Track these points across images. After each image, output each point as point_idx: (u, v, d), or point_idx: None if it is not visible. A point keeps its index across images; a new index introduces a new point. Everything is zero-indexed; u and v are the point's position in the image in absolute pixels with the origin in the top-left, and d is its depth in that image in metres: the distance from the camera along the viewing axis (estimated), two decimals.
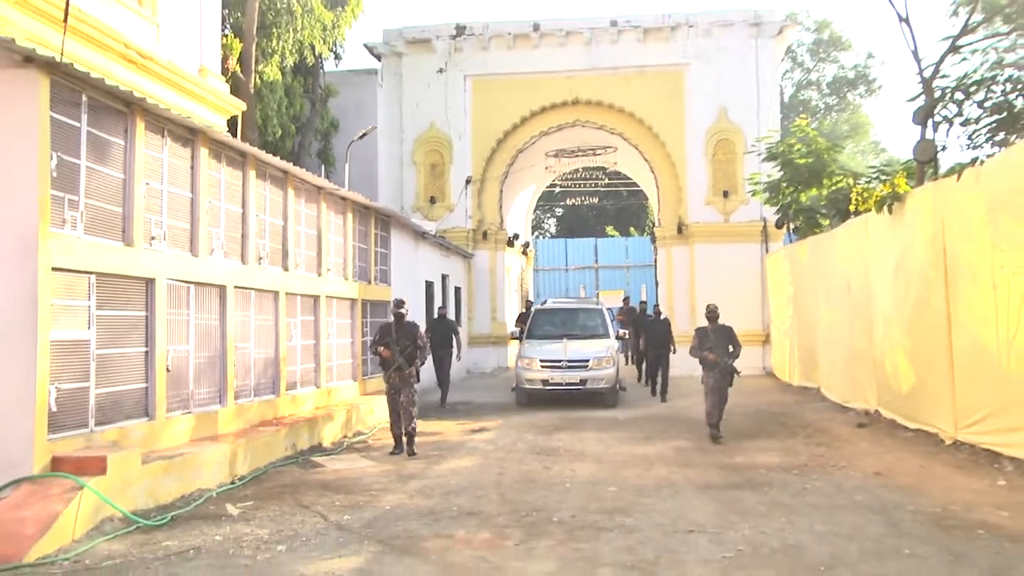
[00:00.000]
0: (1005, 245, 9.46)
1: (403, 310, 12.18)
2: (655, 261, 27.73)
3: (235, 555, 6.71)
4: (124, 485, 7.80)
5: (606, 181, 34.95)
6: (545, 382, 17.10)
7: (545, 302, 22.49)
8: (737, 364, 12.56)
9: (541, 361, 17.21)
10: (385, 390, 12.12)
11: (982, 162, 10.30)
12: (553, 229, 55.85)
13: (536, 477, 9.94)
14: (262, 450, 10.56)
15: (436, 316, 19.05)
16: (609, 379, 17.07)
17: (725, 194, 25.11)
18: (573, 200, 41.38)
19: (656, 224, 27.32)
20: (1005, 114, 12.00)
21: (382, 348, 11.92)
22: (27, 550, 6.57)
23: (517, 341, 19.63)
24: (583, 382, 16.95)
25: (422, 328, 13.03)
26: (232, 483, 9.56)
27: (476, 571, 6.21)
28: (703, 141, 25.24)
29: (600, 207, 46.74)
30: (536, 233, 50.43)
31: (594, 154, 29.05)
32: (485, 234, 26.63)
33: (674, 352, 18.33)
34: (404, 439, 11.77)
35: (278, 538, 7.22)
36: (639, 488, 9.23)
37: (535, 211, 39.87)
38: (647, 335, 18.97)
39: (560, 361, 16.99)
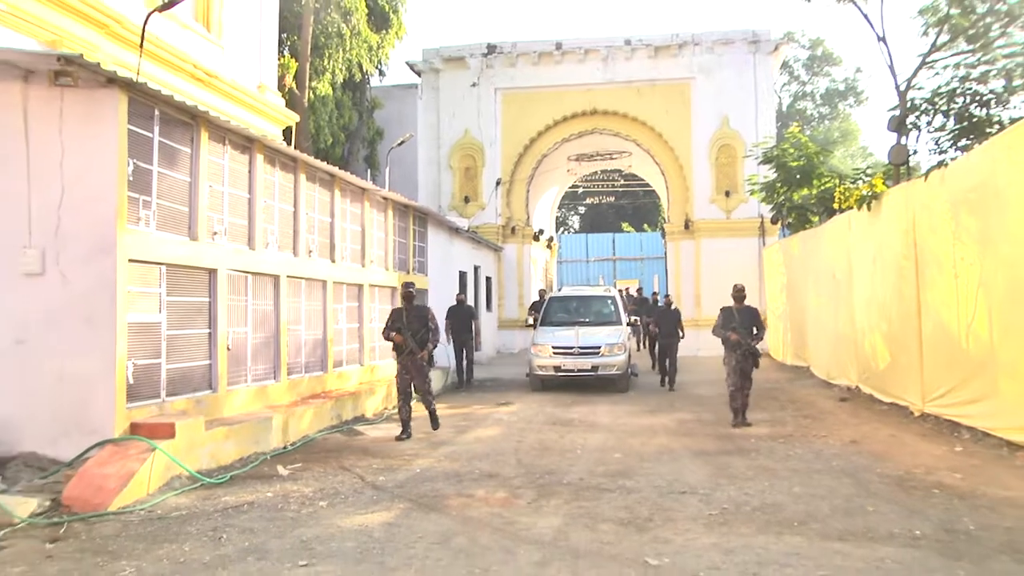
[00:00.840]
0: (965, 238, 9.42)
1: (412, 291, 11.17)
2: (665, 254, 27.65)
3: (283, 509, 6.83)
4: (190, 448, 7.93)
5: (621, 183, 34.85)
6: (557, 368, 15.76)
7: (560, 290, 21.33)
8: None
9: (553, 348, 15.87)
10: (396, 373, 10.99)
11: (946, 165, 10.24)
12: (577, 225, 55.72)
13: (551, 445, 9.97)
14: (311, 419, 10.66)
15: (455, 303, 17.44)
16: (620, 365, 15.67)
17: (727, 194, 25.02)
18: (593, 199, 41.33)
19: (666, 220, 27.24)
20: (966, 123, 11.92)
21: (394, 333, 10.85)
22: (111, 501, 6.73)
23: (531, 328, 18.18)
24: (595, 368, 15.56)
25: (439, 313, 12.20)
26: (284, 448, 9.65)
27: (491, 525, 6.26)
28: (707, 146, 25.19)
29: (618, 205, 46.59)
30: (561, 229, 50.43)
31: (611, 158, 28.96)
32: (513, 229, 26.67)
33: (682, 337, 16.62)
34: (429, 417, 11.07)
35: (320, 495, 7.32)
36: (641, 454, 9.25)
37: (559, 209, 39.78)
38: (657, 325, 17.04)
39: (572, 348, 15.69)
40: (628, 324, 17.61)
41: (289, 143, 15.95)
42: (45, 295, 7.69)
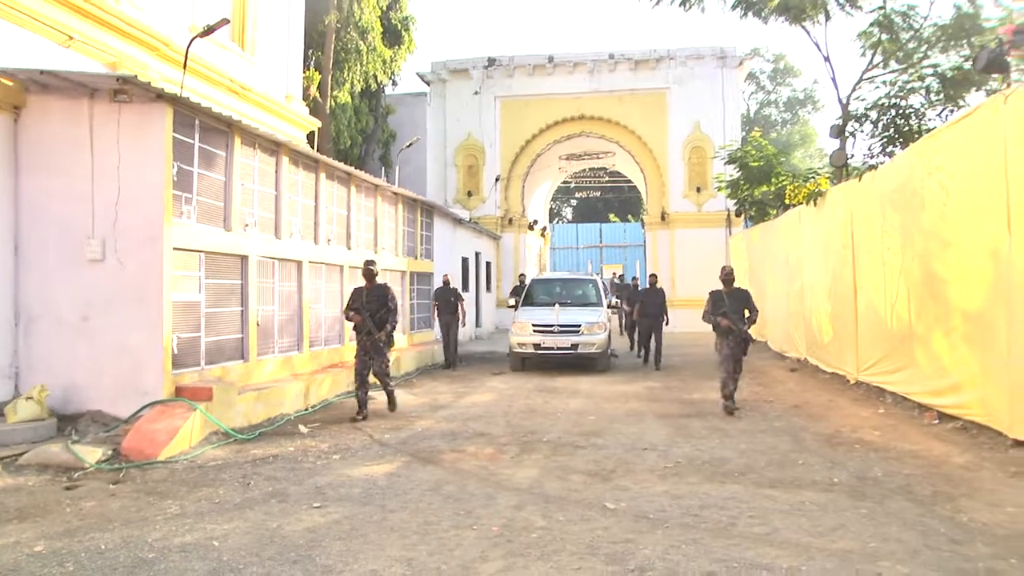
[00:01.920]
0: (890, 231, 9.63)
1: (373, 269, 9.76)
2: (644, 242, 27.85)
3: (301, 461, 7.10)
4: (225, 408, 8.19)
5: (606, 179, 34.97)
6: (537, 346, 14.34)
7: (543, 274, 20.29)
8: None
9: (534, 326, 14.46)
10: (355, 354, 9.67)
11: (876, 168, 10.45)
12: (570, 215, 55.87)
13: (536, 408, 10.19)
14: (329, 386, 10.89)
15: (441, 284, 15.87)
16: (600, 344, 14.25)
17: (698, 189, 25.18)
18: (582, 193, 41.47)
19: (645, 212, 27.44)
20: (892, 132, 12.15)
21: (352, 313, 9.64)
22: (160, 451, 7.03)
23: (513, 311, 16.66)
24: (574, 347, 14.13)
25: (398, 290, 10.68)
26: (306, 410, 9.89)
27: (477, 476, 6.51)
28: (681, 148, 25.33)
29: (607, 199, 46.71)
30: (557, 219, 50.54)
31: (597, 157, 29.05)
32: (511, 220, 26.83)
33: (667, 324, 15.30)
34: (387, 399, 9.91)
35: (334, 450, 7.60)
36: (613, 416, 9.48)
37: (553, 202, 39.88)
38: (642, 304, 15.36)
39: (552, 325, 14.28)
40: (609, 307, 16.19)
41: (312, 146, 16.18)
42: (105, 278, 7.97)
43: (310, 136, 17.33)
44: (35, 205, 8.22)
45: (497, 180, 26.45)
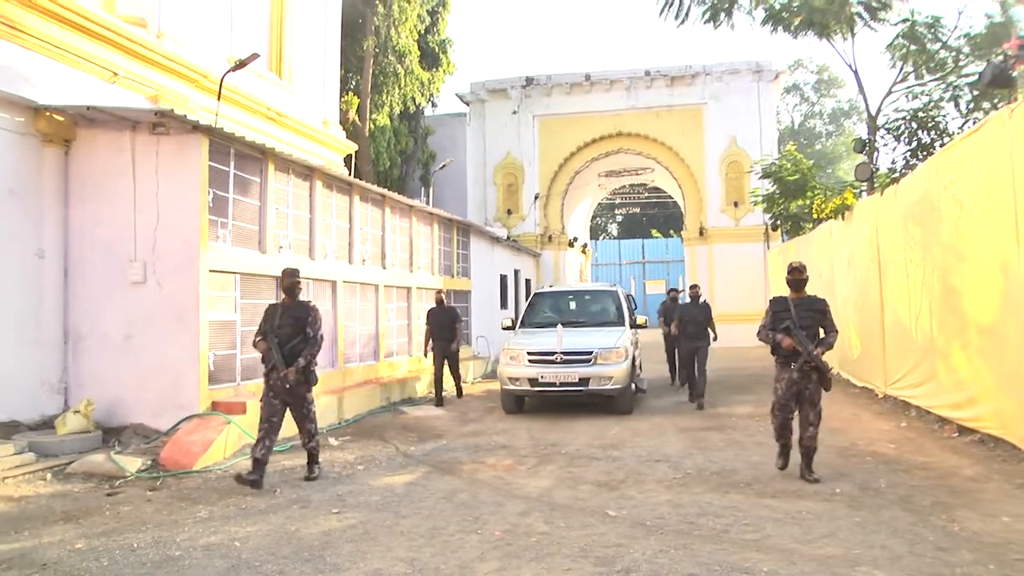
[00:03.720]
0: (912, 244, 9.68)
1: (296, 281, 7.19)
2: (683, 257, 27.92)
3: (327, 471, 7.48)
4: (258, 422, 8.54)
5: (646, 195, 35.15)
6: (533, 381, 10.83)
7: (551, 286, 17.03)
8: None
9: (530, 355, 10.91)
10: (262, 394, 7.04)
11: (898, 181, 10.50)
12: (615, 232, 55.99)
13: (560, 421, 10.42)
14: (362, 401, 11.23)
15: (435, 304, 13.05)
16: (620, 378, 10.75)
17: (735, 204, 25.18)
18: (624, 209, 41.67)
19: (684, 228, 27.54)
20: (916, 144, 12.14)
21: (257, 340, 7.08)
22: (195, 462, 7.48)
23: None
24: (584, 381, 10.67)
25: (321, 309, 7.54)
26: (338, 423, 10.24)
27: (492, 485, 6.80)
28: (718, 162, 25.39)
29: (650, 214, 46.83)
30: (602, 235, 50.74)
31: (635, 174, 29.31)
32: (550, 237, 27.11)
33: (715, 339, 12.35)
34: (307, 460, 7.31)
35: (360, 461, 7.98)
36: (635, 430, 9.63)
37: (596, 218, 40.07)
38: (680, 322, 12.21)
39: (553, 354, 10.74)
40: (634, 326, 12.43)
41: (351, 168, 16.73)
42: (146, 299, 8.53)
43: (348, 159, 17.91)
44: (83, 231, 8.86)
45: (536, 198, 26.80)
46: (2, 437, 7.70)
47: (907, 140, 12.07)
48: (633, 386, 11.40)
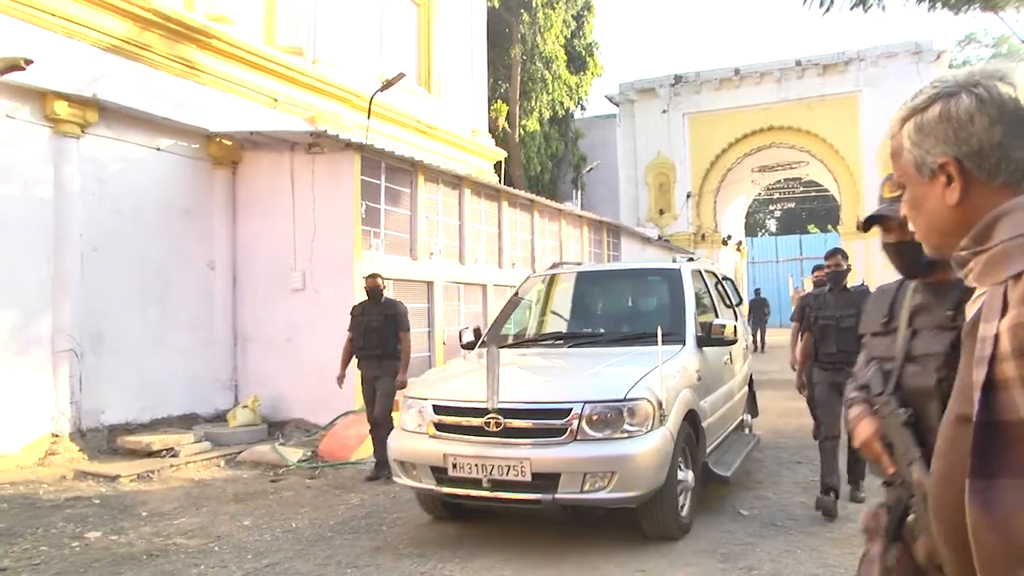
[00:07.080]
0: None
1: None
2: None
3: None
4: None
5: (800, 190, 33.63)
6: (440, 473, 4.78)
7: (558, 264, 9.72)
8: None
9: (436, 409, 4.91)
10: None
11: None
12: (773, 227, 53.82)
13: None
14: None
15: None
16: (637, 469, 4.46)
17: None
18: (780, 205, 40.09)
19: (841, 223, 26.14)
20: None
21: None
22: (350, 454, 8.05)
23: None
24: (542, 480, 4.48)
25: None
26: None
27: None
28: (875, 152, 23.88)
29: (809, 208, 44.72)
30: (761, 231, 49.01)
31: (789, 168, 28.14)
32: (703, 236, 26.50)
33: None
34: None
35: None
36: None
37: (753, 215, 38.78)
38: (816, 332, 5.67)
39: (482, 410, 4.64)
40: (710, 341, 5.70)
41: (501, 175, 17.25)
42: (305, 305, 9.31)
43: (498, 165, 18.47)
44: (248, 245, 9.81)
45: (688, 197, 26.34)
46: (184, 427, 8.73)
47: None
48: (689, 475, 5.17)
